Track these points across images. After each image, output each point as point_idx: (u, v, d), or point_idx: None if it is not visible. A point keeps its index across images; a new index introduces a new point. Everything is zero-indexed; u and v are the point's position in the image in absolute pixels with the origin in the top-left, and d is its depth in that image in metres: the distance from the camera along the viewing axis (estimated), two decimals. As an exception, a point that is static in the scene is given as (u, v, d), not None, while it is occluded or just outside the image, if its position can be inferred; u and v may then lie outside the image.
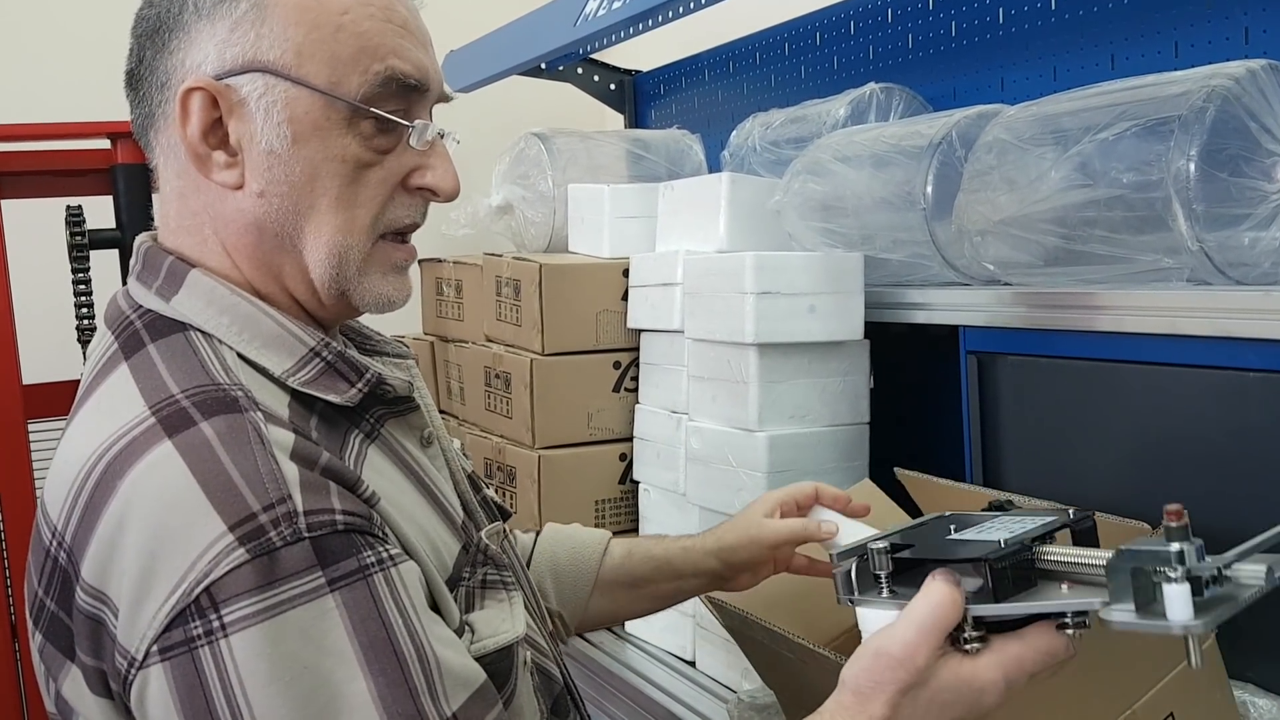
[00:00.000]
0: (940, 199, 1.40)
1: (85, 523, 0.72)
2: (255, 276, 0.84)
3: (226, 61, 0.79)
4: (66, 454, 0.77)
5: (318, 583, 0.69)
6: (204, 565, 0.67)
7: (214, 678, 0.67)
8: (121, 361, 0.79)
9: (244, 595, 0.67)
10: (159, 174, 0.86)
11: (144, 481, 0.70)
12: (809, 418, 1.50)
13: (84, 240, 1.97)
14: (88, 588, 0.71)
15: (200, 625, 0.67)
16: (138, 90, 0.84)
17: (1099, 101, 1.20)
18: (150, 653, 0.67)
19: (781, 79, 2.26)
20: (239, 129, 0.80)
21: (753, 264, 1.43)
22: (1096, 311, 1.20)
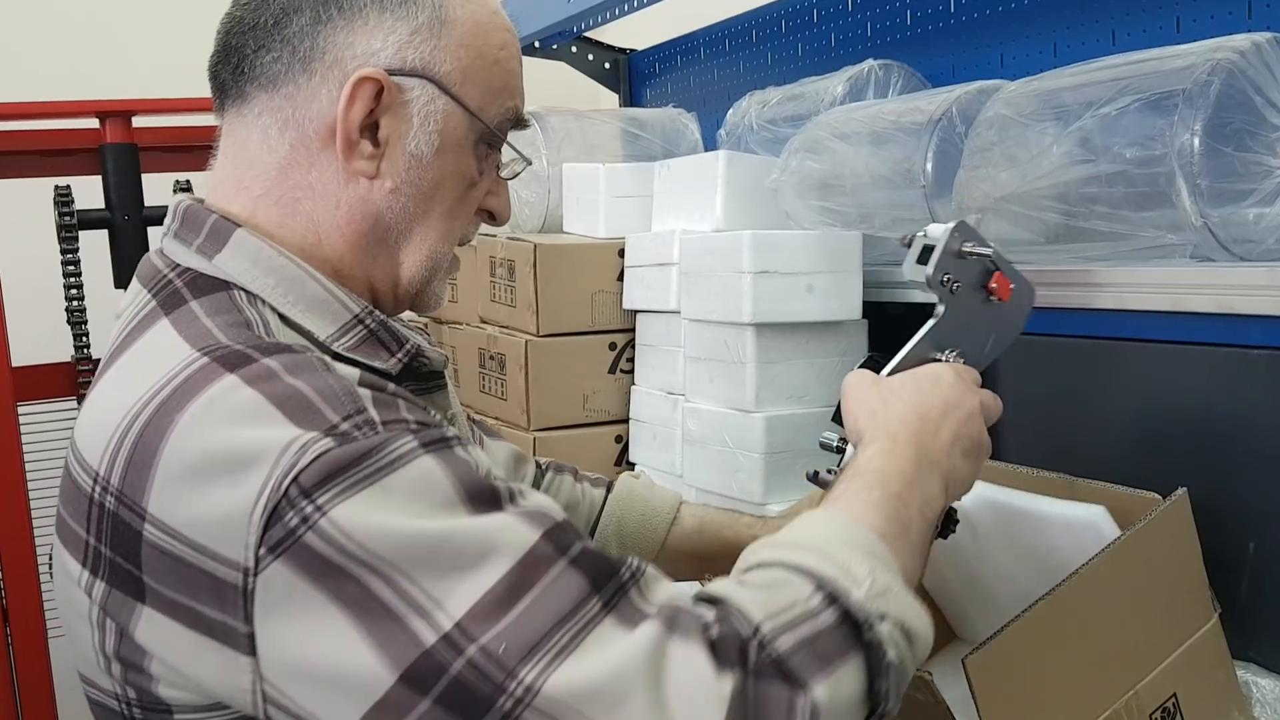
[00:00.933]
0: (940, 176, 1.39)
1: (139, 462, 0.69)
2: (343, 255, 0.84)
3: (401, 61, 0.82)
4: (104, 403, 0.75)
5: (410, 447, 0.68)
6: (289, 459, 0.66)
7: (333, 551, 0.64)
8: (161, 316, 0.78)
9: (336, 476, 0.65)
10: (250, 135, 0.84)
11: (207, 410, 0.68)
12: (807, 398, 1.48)
13: (73, 220, 1.95)
14: (159, 524, 0.68)
15: (295, 515, 0.65)
16: (268, 46, 0.82)
17: (1101, 76, 1.18)
18: (262, 556, 0.65)
19: (778, 57, 2.24)
20: (391, 126, 0.82)
21: (750, 243, 1.41)
22: (1098, 289, 1.18)
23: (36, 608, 2.00)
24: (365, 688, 0.64)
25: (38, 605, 2.01)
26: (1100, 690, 0.90)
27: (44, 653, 2.02)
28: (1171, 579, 0.97)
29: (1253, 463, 1.06)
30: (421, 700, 0.63)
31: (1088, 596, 0.90)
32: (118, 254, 2.01)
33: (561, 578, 0.66)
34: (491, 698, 0.63)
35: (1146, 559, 0.94)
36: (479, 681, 0.63)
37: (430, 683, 0.63)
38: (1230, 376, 1.08)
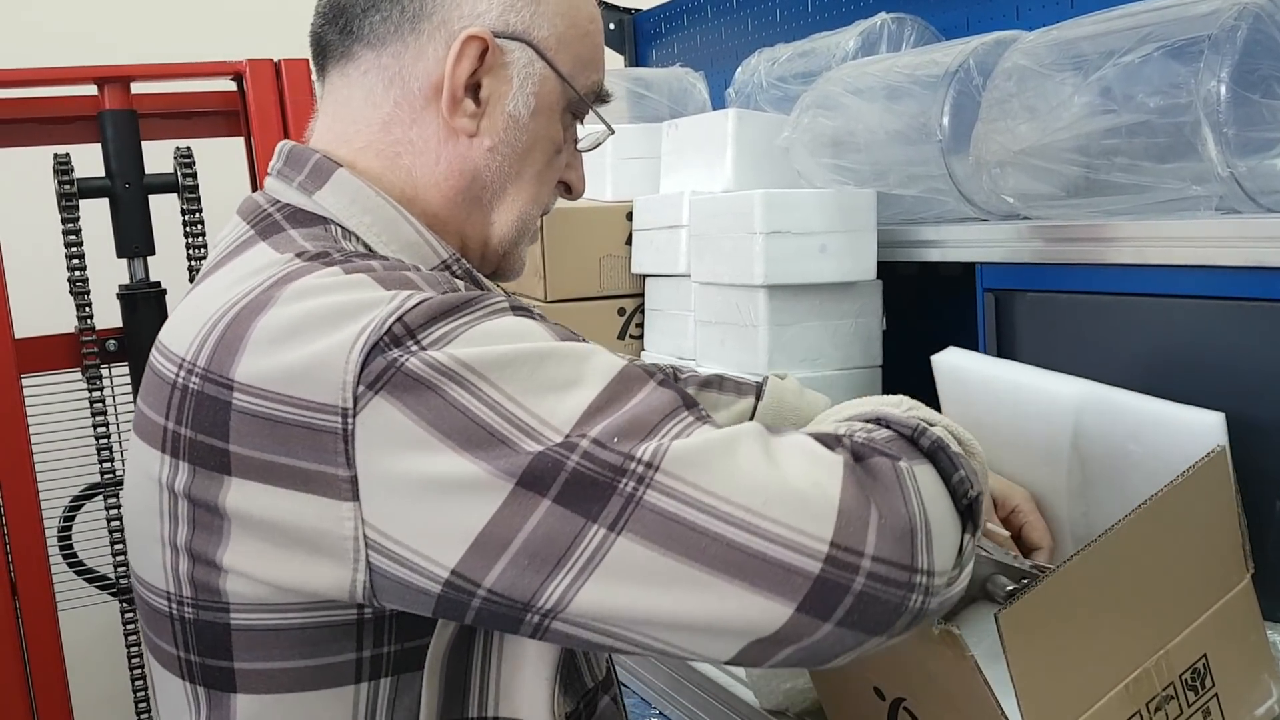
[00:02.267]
0: (957, 130, 1.35)
1: (231, 338, 0.71)
2: (438, 210, 0.88)
3: (504, 24, 0.86)
4: (195, 304, 0.77)
5: (502, 305, 0.72)
6: (392, 305, 0.69)
7: (436, 376, 0.66)
8: (258, 241, 0.81)
9: (439, 318, 0.69)
10: (353, 93, 0.88)
11: (309, 287, 0.71)
12: (820, 361, 1.46)
13: (73, 189, 1.92)
14: (248, 388, 0.69)
15: (398, 350, 0.67)
16: (377, 6, 0.86)
17: (1123, 24, 1.15)
18: (360, 395, 0.66)
19: (787, 13, 2.19)
20: (492, 86, 0.86)
21: (762, 202, 1.38)
22: (1120, 244, 1.15)
23: (45, 580, 2.00)
24: (482, 499, 0.65)
25: (46, 577, 2.00)
26: (1131, 649, 0.88)
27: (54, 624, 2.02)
28: (1206, 538, 0.94)
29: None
30: (542, 500, 0.65)
31: (1122, 553, 0.88)
32: (119, 222, 1.99)
33: (655, 392, 0.70)
34: (612, 481, 0.65)
35: (1182, 517, 0.92)
36: (598, 469, 0.65)
37: (549, 481, 0.65)
38: (1260, 331, 1.04)
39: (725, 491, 0.65)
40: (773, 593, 0.64)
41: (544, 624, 0.67)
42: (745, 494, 0.65)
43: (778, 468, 0.67)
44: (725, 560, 0.64)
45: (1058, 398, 1.03)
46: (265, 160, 1.94)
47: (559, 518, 0.64)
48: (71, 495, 2.14)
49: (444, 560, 0.66)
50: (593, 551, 0.65)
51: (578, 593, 0.65)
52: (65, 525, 2.13)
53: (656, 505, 0.65)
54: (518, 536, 0.65)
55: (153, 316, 2.03)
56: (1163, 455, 0.96)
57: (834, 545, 0.64)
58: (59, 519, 2.12)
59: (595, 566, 0.65)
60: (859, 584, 0.65)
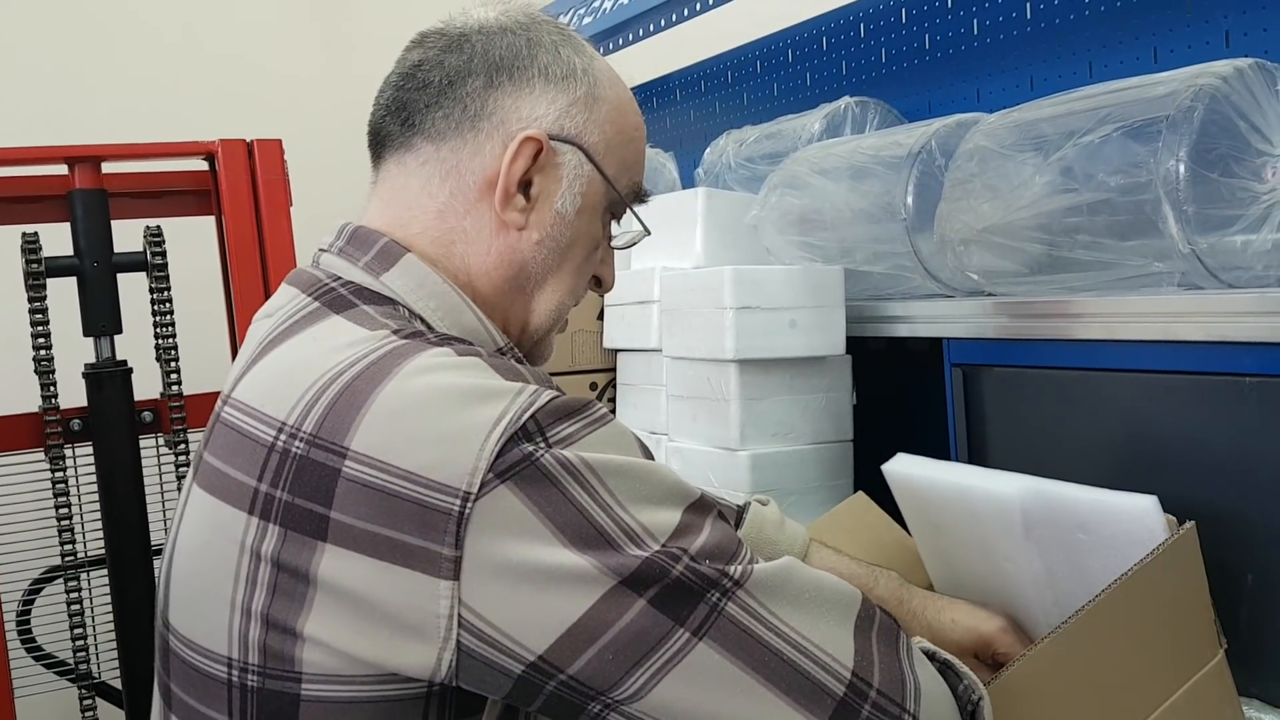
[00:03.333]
0: (921, 209, 1.38)
1: (345, 407, 0.73)
2: (487, 297, 0.91)
3: (559, 128, 0.90)
4: (288, 366, 0.80)
5: (607, 413, 0.78)
6: (525, 399, 0.73)
7: (563, 474, 0.71)
8: (330, 314, 0.84)
9: (567, 419, 0.74)
10: (410, 181, 0.91)
11: (433, 365, 0.74)
12: (791, 435, 1.46)
13: (40, 268, 1.91)
14: (363, 458, 0.71)
15: (531, 446, 0.71)
16: (440, 104, 0.90)
17: (1082, 105, 1.18)
18: (487, 481, 0.70)
19: (754, 97, 2.24)
20: (543, 184, 0.90)
21: (732, 278, 1.39)
22: (1085, 319, 1.17)
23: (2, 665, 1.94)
24: (583, 592, 0.70)
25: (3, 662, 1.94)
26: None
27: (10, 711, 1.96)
28: (1178, 613, 0.94)
29: (1248, 493, 1.05)
30: (638, 600, 0.71)
31: (1097, 630, 0.88)
32: (87, 301, 1.97)
33: (719, 524, 0.77)
34: (705, 592, 0.72)
35: (1153, 594, 0.92)
36: (696, 580, 0.72)
37: (649, 584, 0.71)
38: (1223, 405, 1.06)
39: (786, 615, 0.75)
40: (810, 707, 0.74)
41: (605, 713, 0.73)
42: (800, 621, 0.75)
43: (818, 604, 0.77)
44: (779, 674, 0.73)
45: (1002, 497, 1.04)
46: (237, 239, 1.95)
47: (651, 618, 0.71)
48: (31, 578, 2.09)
49: (534, 645, 0.71)
50: (675, 652, 0.72)
51: (654, 687, 0.71)
52: (24, 609, 2.08)
53: (735, 618, 0.73)
54: (610, 630, 0.71)
55: (119, 396, 2.00)
56: (1110, 541, 0.97)
57: (854, 674, 0.75)
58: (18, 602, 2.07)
59: (674, 665, 0.72)
60: (866, 710, 0.75)
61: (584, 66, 0.92)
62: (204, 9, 2.90)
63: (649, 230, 1.01)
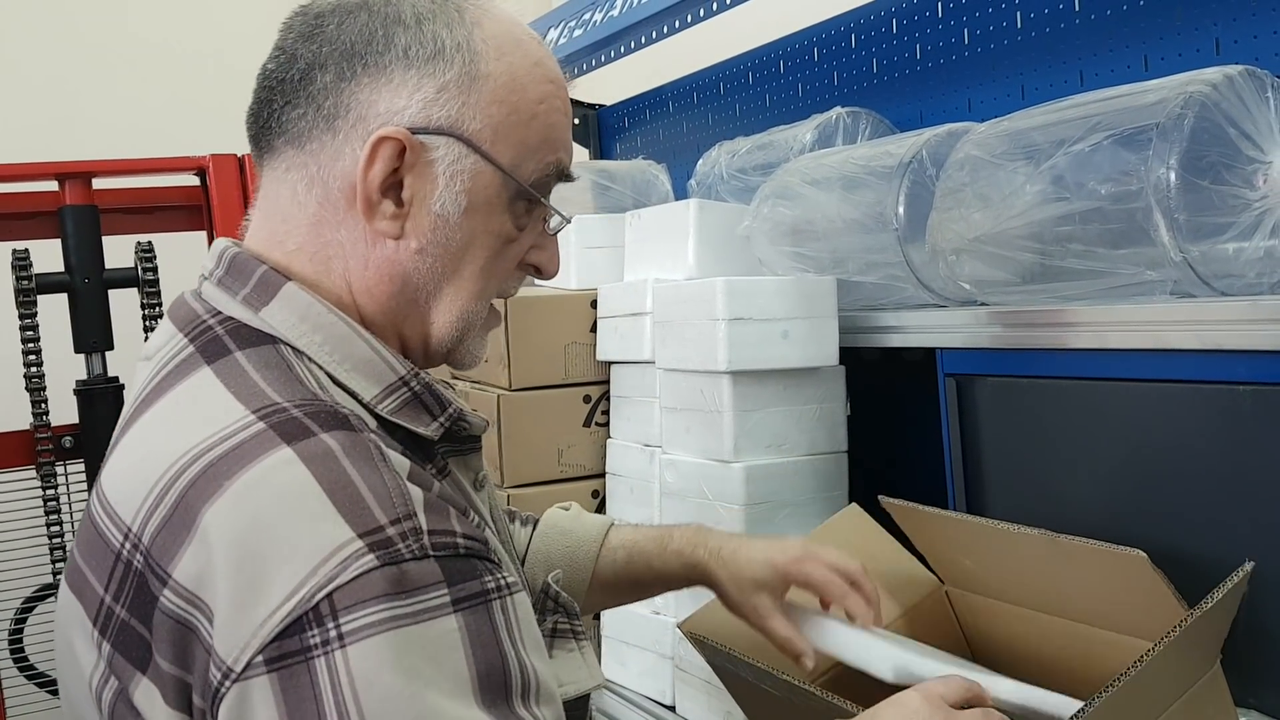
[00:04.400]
0: (913, 219, 1.37)
1: (177, 522, 0.67)
2: (374, 316, 0.82)
3: (427, 119, 0.79)
4: (142, 453, 0.73)
5: (442, 600, 0.66)
6: (330, 569, 0.64)
7: (327, 691, 0.62)
8: (202, 365, 0.76)
9: (369, 603, 0.64)
10: (281, 190, 0.82)
11: (261, 483, 0.67)
12: (785, 446, 1.45)
13: (30, 285, 1.90)
14: (180, 589, 0.66)
15: (318, 634, 0.63)
16: (295, 101, 0.80)
17: (1073, 114, 1.18)
18: (253, 664, 0.63)
19: (746, 108, 2.24)
20: (415, 185, 0.80)
21: (724, 289, 1.39)
22: (1078, 328, 1.16)
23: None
24: None
25: (-5, 682, 1.93)
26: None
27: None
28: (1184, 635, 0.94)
29: (1243, 503, 1.04)
30: None
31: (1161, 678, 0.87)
32: (78, 317, 1.97)
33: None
34: None
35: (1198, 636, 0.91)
36: None
37: None
38: (1217, 414, 1.05)
39: None
40: None
41: None
42: None
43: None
44: None
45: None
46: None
47: None
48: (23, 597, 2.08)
49: None
50: None
51: None
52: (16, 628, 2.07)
53: None
54: None
55: (110, 412, 2.00)
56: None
57: None
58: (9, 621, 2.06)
59: None
60: None
61: (458, 41, 0.80)
62: (195, 24, 2.90)
63: (567, 218, 0.90)
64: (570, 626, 0.91)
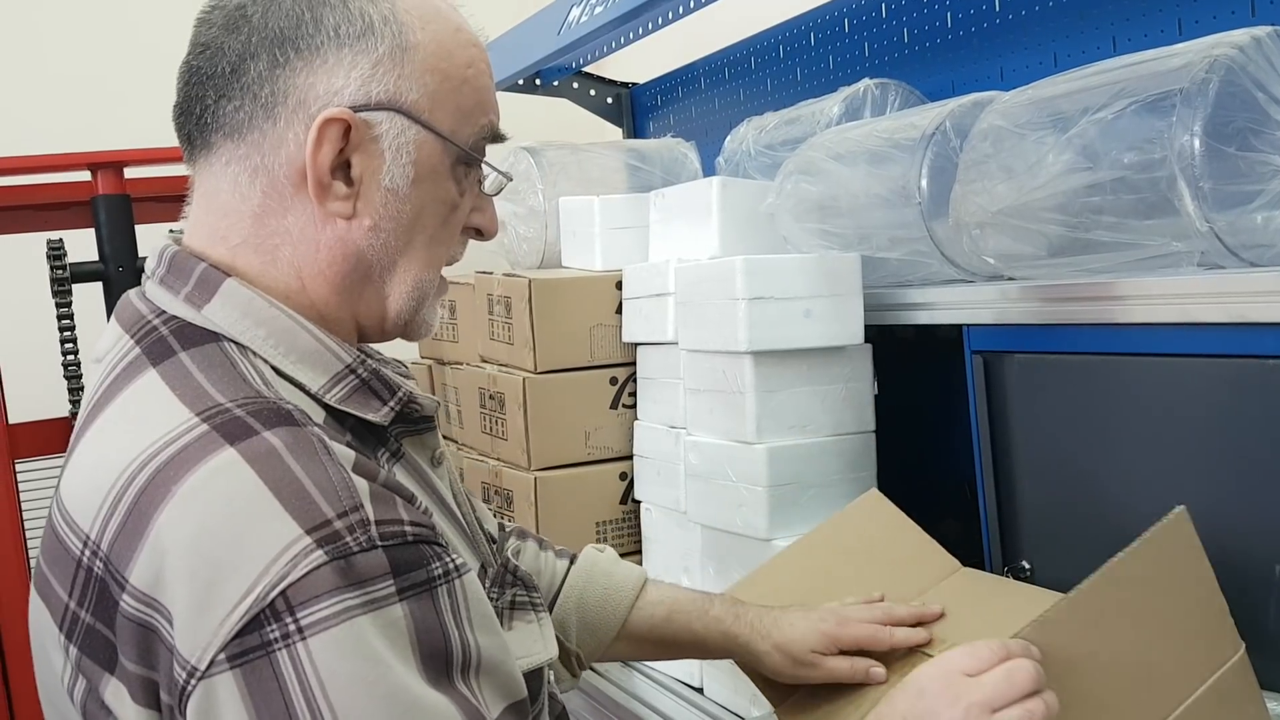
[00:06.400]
0: (936, 193, 1.34)
1: (131, 529, 0.69)
2: (328, 299, 0.83)
3: (366, 96, 0.79)
4: (94, 460, 0.74)
5: (388, 591, 0.68)
6: (280, 567, 0.65)
7: (293, 681, 0.65)
8: (148, 367, 0.76)
9: (323, 597, 0.65)
10: (220, 185, 0.81)
11: (207, 486, 0.68)
12: (810, 427, 1.43)
13: (65, 274, 1.93)
14: (138, 594, 0.68)
15: (277, 629, 0.65)
16: (229, 94, 0.79)
17: (1097, 81, 1.14)
18: (216, 661, 0.65)
19: (778, 82, 2.21)
20: (364, 163, 0.80)
21: (743, 268, 1.36)
22: (1103, 302, 1.13)
23: (40, 668, 1.97)
24: None
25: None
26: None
27: (47, 714, 1.98)
28: (1189, 607, 0.91)
29: (1275, 480, 1.00)
30: None
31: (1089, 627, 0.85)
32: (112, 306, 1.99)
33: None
34: None
35: (1152, 587, 0.89)
36: None
37: None
38: (1246, 389, 1.02)
39: None
40: None
41: None
42: None
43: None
44: None
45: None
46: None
47: None
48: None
49: None
50: None
51: None
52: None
53: None
54: None
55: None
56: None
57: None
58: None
59: None
60: None
61: (384, 15, 0.80)
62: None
63: (508, 175, 0.90)
64: (529, 599, 0.93)
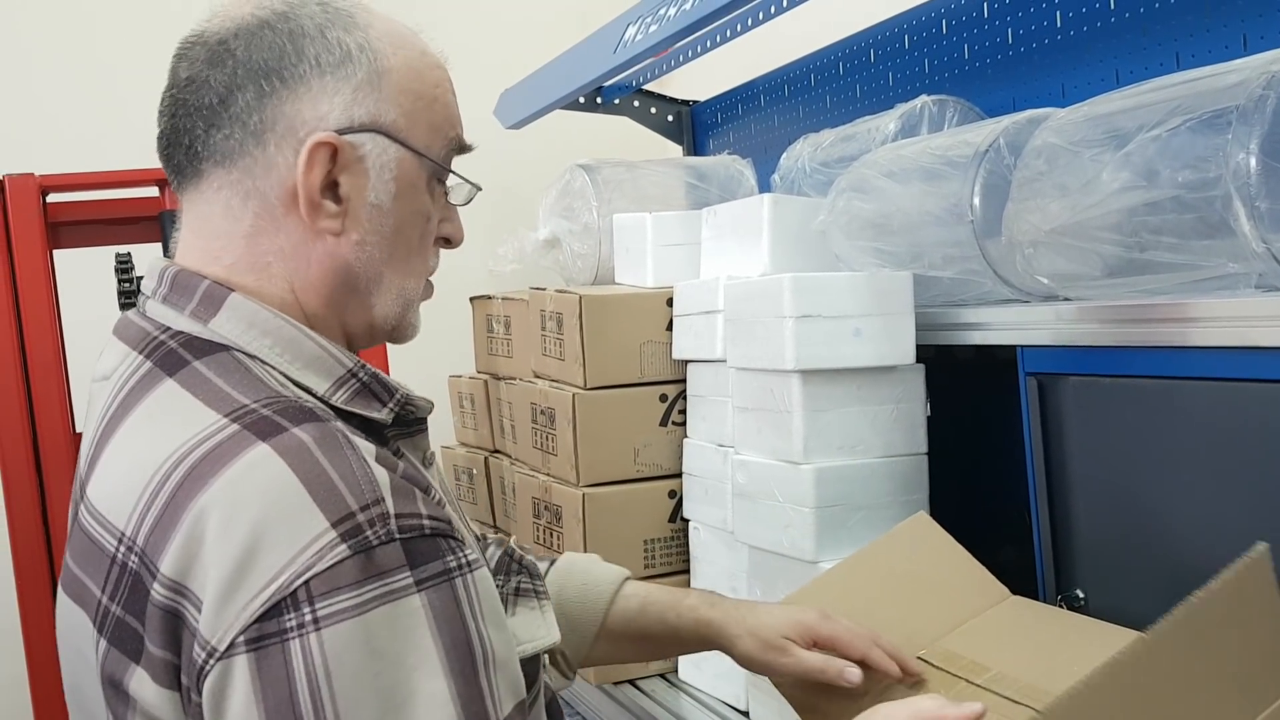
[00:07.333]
0: (989, 211, 1.32)
1: (166, 521, 0.72)
2: (318, 310, 0.87)
3: (350, 119, 0.84)
4: (127, 463, 0.77)
5: (406, 582, 0.71)
6: (307, 558, 0.69)
7: (300, 670, 0.68)
8: (164, 377, 0.80)
9: (341, 590, 0.69)
10: (212, 210, 0.85)
11: (244, 479, 0.71)
12: (860, 448, 1.41)
13: (132, 287, 1.97)
14: (167, 581, 0.71)
15: (294, 618, 0.68)
16: (218, 124, 0.83)
17: (1152, 98, 1.11)
18: (235, 643, 0.68)
19: (837, 100, 2.19)
20: (350, 182, 0.85)
21: (791, 286, 1.35)
22: (1163, 324, 1.10)
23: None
24: None
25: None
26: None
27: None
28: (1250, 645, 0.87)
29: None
30: None
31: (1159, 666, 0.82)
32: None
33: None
34: None
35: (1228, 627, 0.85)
36: None
37: None
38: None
39: None
40: None
41: None
42: None
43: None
44: None
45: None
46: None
47: None
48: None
49: None
50: None
51: None
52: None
53: None
54: None
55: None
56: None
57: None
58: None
59: None
60: None
61: (359, 42, 0.85)
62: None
63: (478, 186, 0.95)
64: (533, 586, 0.98)
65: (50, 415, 1.97)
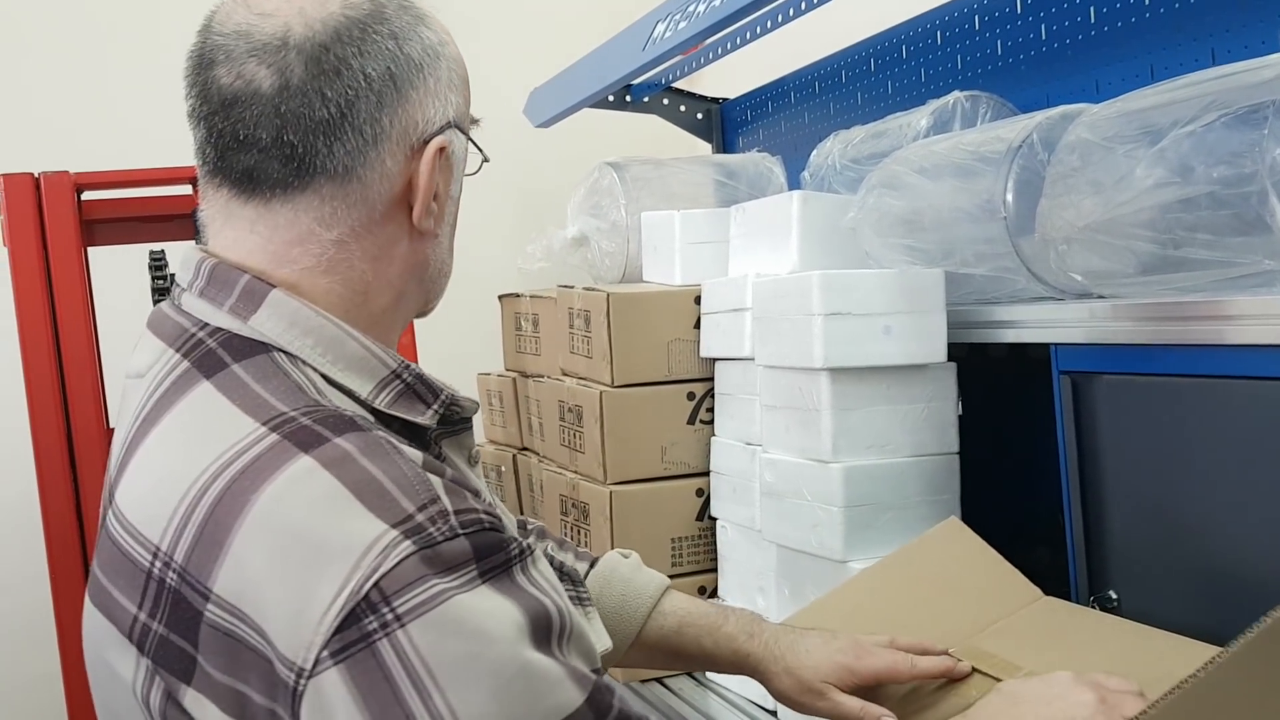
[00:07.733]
0: (1023, 207, 1.30)
1: (209, 539, 0.70)
2: (386, 306, 0.86)
3: (445, 118, 0.85)
4: (159, 473, 0.75)
5: (474, 574, 0.70)
6: (371, 560, 0.67)
7: (398, 668, 0.66)
8: (200, 380, 0.77)
9: (415, 584, 0.67)
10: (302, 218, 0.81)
11: (288, 493, 0.69)
12: (889, 447, 1.40)
13: (166, 285, 1.99)
14: (223, 603, 0.69)
15: (375, 619, 0.66)
16: (339, 137, 0.80)
17: (1187, 93, 1.09)
18: (321, 659, 0.66)
19: (868, 96, 2.17)
20: (443, 180, 0.86)
21: (819, 283, 1.34)
22: (1198, 322, 1.08)
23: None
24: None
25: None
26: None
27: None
28: None
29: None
30: None
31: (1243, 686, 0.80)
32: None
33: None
34: None
35: None
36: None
37: None
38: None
39: None
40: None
41: None
42: None
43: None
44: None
45: None
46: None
47: None
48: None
49: None
50: None
51: None
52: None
53: None
54: None
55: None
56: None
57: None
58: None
59: None
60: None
61: (440, 38, 0.86)
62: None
63: (487, 157, 0.93)
64: (577, 594, 0.97)
65: (84, 412, 1.99)
